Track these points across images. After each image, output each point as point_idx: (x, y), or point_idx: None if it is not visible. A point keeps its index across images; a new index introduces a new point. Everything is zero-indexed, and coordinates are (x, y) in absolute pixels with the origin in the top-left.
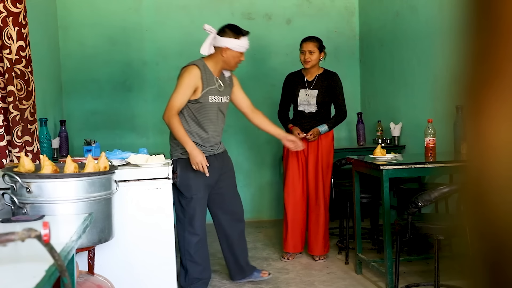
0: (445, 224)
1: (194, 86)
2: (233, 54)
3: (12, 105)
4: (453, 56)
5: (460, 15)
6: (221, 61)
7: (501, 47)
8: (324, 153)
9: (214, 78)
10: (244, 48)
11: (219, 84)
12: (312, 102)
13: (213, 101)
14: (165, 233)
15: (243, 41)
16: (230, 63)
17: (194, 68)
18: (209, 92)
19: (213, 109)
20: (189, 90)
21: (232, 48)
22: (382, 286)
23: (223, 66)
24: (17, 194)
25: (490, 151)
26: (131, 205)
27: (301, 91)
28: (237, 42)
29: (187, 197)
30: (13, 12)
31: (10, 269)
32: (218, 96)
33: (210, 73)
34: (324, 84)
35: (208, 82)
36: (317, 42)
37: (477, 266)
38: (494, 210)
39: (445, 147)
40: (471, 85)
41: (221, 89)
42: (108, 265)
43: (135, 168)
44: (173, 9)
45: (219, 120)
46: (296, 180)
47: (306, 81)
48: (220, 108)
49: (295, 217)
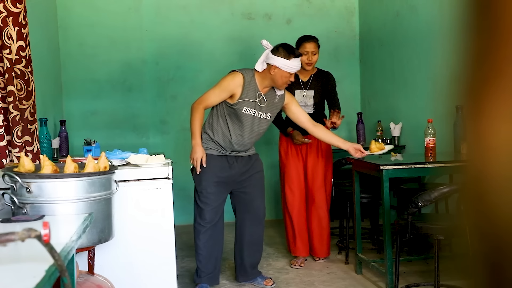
0: (445, 224)
1: (231, 92)
2: (281, 74)
3: (12, 105)
4: (453, 56)
5: (460, 15)
6: (268, 78)
7: (501, 47)
8: (324, 153)
9: (257, 93)
10: (293, 69)
11: (262, 100)
12: (309, 103)
13: (247, 113)
14: (165, 233)
15: (293, 62)
16: (277, 81)
17: (238, 75)
18: (245, 103)
19: (246, 121)
20: (224, 93)
21: (280, 67)
22: (382, 286)
23: (270, 83)
24: (17, 194)
25: (490, 151)
26: (131, 205)
27: (296, 92)
28: (286, 62)
29: (198, 191)
30: (13, 12)
31: (10, 269)
32: (256, 111)
33: (255, 86)
34: (319, 84)
35: (247, 93)
36: (317, 42)
37: (477, 266)
38: (494, 210)
39: (445, 147)
40: (471, 85)
41: (262, 105)
42: (108, 265)
43: (135, 168)
44: (173, 9)
45: (252, 133)
46: (296, 182)
47: (301, 81)
48: (255, 122)
49: (301, 220)
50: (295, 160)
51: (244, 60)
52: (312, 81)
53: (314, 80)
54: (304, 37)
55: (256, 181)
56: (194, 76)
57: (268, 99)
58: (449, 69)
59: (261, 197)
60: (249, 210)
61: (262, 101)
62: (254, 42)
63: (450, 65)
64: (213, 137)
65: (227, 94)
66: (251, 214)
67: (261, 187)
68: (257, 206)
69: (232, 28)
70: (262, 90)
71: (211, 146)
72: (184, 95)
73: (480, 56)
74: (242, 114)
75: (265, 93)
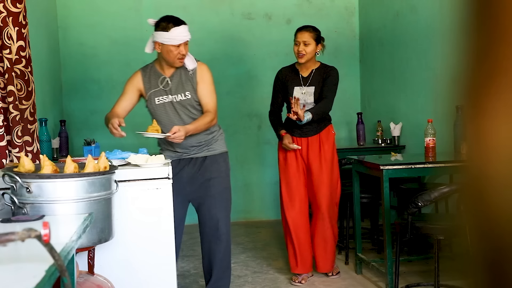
0: (445, 224)
1: (134, 91)
2: (166, 49)
3: (12, 105)
4: (453, 56)
5: (460, 15)
6: (161, 58)
7: (501, 47)
8: (327, 156)
9: (161, 78)
10: (176, 41)
11: (166, 83)
12: (309, 101)
13: (162, 102)
14: (165, 233)
15: (173, 33)
16: (167, 59)
17: (135, 73)
18: (154, 93)
19: (167, 111)
20: (128, 95)
21: (162, 42)
22: (382, 286)
23: (167, 63)
24: (17, 194)
25: (490, 151)
26: (131, 205)
27: (295, 89)
28: (165, 34)
29: None
30: (13, 12)
31: (10, 269)
32: (167, 96)
33: (156, 73)
34: (321, 79)
35: (151, 83)
36: (314, 32)
37: (477, 266)
38: (494, 209)
39: (445, 147)
40: (471, 85)
41: (167, 88)
42: (108, 265)
43: (135, 168)
44: (173, 9)
45: (182, 122)
46: (295, 190)
47: (301, 77)
48: (177, 108)
49: (301, 235)
50: (294, 165)
51: (244, 60)
52: (313, 76)
53: (316, 75)
54: (300, 27)
55: (212, 188)
56: None
57: (175, 79)
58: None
59: (219, 208)
60: (205, 224)
61: (166, 84)
62: (254, 42)
63: (450, 65)
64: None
65: (131, 95)
66: (207, 229)
67: (219, 196)
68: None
69: (232, 28)
70: (167, 73)
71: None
72: None
73: (480, 55)
74: (158, 105)
75: (172, 74)
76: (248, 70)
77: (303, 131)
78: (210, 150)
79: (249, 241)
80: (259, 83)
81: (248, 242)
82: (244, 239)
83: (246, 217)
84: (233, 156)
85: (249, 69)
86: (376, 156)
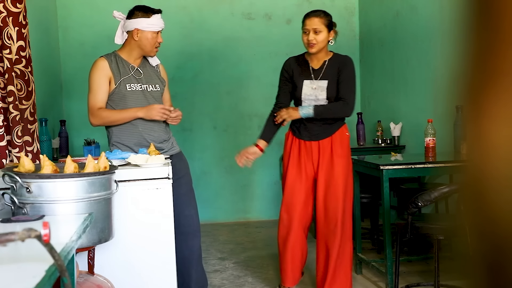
0: (445, 224)
1: (106, 76)
2: (146, 36)
3: (12, 105)
4: (453, 56)
5: (461, 15)
6: (136, 47)
7: (502, 47)
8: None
9: (129, 66)
10: (157, 27)
11: (137, 71)
12: (321, 97)
13: (134, 89)
14: (165, 233)
15: (154, 20)
16: (145, 47)
17: (99, 60)
18: (125, 80)
19: (139, 98)
20: (103, 84)
21: (142, 28)
22: (382, 286)
23: (139, 52)
24: (17, 194)
25: (490, 151)
26: (131, 205)
27: (305, 83)
28: (147, 20)
29: None
30: (13, 12)
31: (10, 269)
32: (140, 84)
33: (123, 62)
34: (335, 72)
35: (120, 71)
36: (325, 17)
37: (477, 266)
38: (494, 209)
39: (445, 147)
40: (471, 85)
41: (139, 76)
42: (108, 265)
43: (135, 168)
44: (173, 9)
45: None
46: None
47: (312, 69)
48: (148, 97)
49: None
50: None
51: (244, 60)
52: (326, 69)
53: (329, 67)
54: (308, 12)
55: (183, 187)
56: (194, 76)
57: (143, 70)
58: (449, 69)
59: (191, 205)
60: (180, 223)
61: (138, 72)
62: (254, 42)
63: (450, 65)
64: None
65: (106, 86)
66: (182, 227)
67: (189, 193)
68: (189, 217)
69: (232, 28)
70: (134, 63)
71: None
72: (184, 95)
73: (481, 56)
74: (130, 92)
75: (138, 64)
76: (248, 70)
77: (312, 134)
78: (173, 147)
79: (249, 241)
80: (259, 83)
81: (248, 242)
82: (244, 239)
83: (246, 217)
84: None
85: (249, 69)
86: (376, 156)
